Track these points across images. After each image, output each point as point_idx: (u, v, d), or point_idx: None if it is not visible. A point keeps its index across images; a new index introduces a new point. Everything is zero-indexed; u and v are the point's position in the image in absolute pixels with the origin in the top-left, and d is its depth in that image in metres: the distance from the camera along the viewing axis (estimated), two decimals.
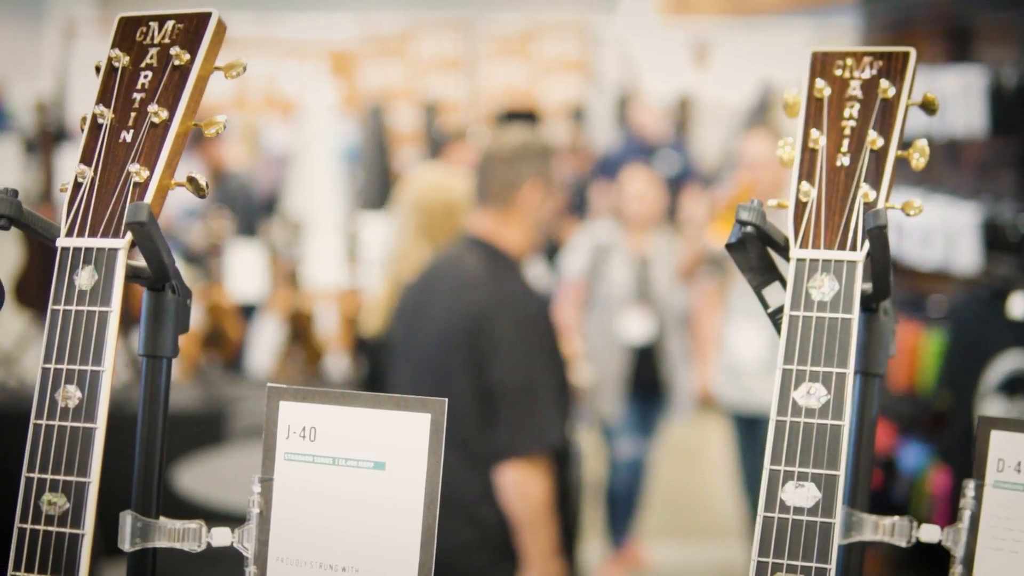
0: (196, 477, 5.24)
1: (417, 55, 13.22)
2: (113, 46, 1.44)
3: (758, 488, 4.61)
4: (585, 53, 13.54)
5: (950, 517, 1.52)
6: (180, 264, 5.49)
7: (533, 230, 4.03)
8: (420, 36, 13.36)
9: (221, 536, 1.43)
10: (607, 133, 12.75)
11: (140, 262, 1.39)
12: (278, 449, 1.43)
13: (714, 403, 6.64)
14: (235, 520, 1.41)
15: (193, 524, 1.42)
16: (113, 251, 1.34)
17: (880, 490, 5.46)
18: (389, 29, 13.33)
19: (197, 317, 7.48)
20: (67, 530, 1.28)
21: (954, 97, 5.27)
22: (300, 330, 6.84)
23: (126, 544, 1.40)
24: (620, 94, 12.80)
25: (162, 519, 1.43)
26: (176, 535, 1.42)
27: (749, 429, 6.28)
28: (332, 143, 9.86)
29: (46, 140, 7.80)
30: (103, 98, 1.42)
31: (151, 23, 1.44)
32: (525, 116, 11.23)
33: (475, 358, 3.80)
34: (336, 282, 7.61)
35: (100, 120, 1.40)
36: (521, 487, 3.77)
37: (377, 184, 9.98)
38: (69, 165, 5.90)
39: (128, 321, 7.23)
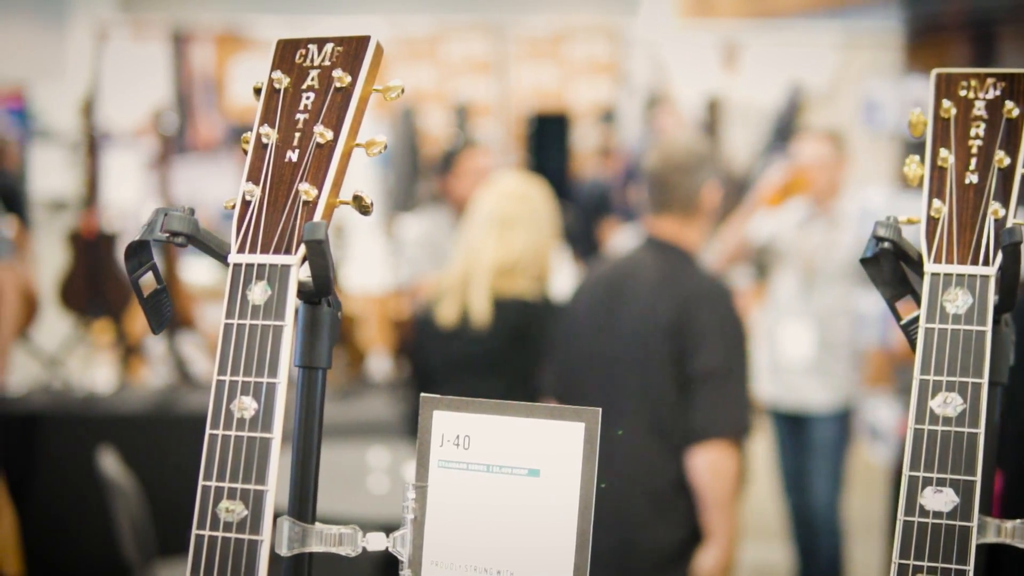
0: None
1: (447, 58, 13.28)
2: (273, 68, 1.49)
3: (799, 487, 4.73)
4: (614, 55, 13.56)
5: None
6: (220, 270, 5.55)
7: (708, 227, 4.39)
8: (450, 39, 13.42)
9: (376, 541, 1.47)
10: (637, 135, 12.77)
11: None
12: (432, 457, 1.48)
13: (755, 401, 6.69)
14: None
15: (348, 529, 1.47)
16: (286, 267, 1.39)
17: None
18: (419, 32, 13.39)
19: None
20: (245, 536, 1.33)
21: None
22: (343, 332, 6.89)
23: (283, 549, 1.45)
24: (650, 96, 12.82)
25: (318, 524, 1.47)
26: (332, 540, 1.46)
27: (792, 428, 6.33)
28: None
29: (90, 144, 7.85)
30: (267, 118, 1.46)
31: (310, 46, 1.49)
32: (555, 118, 11.29)
33: (678, 348, 4.04)
34: (377, 284, 7.65)
35: (265, 140, 1.45)
36: (716, 467, 3.99)
37: (408, 186, 10.02)
38: (112, 168, 5.97)
39: (174, 325, 7.29)
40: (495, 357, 4.83)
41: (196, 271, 9.36)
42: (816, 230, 6.40)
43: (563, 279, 6.75)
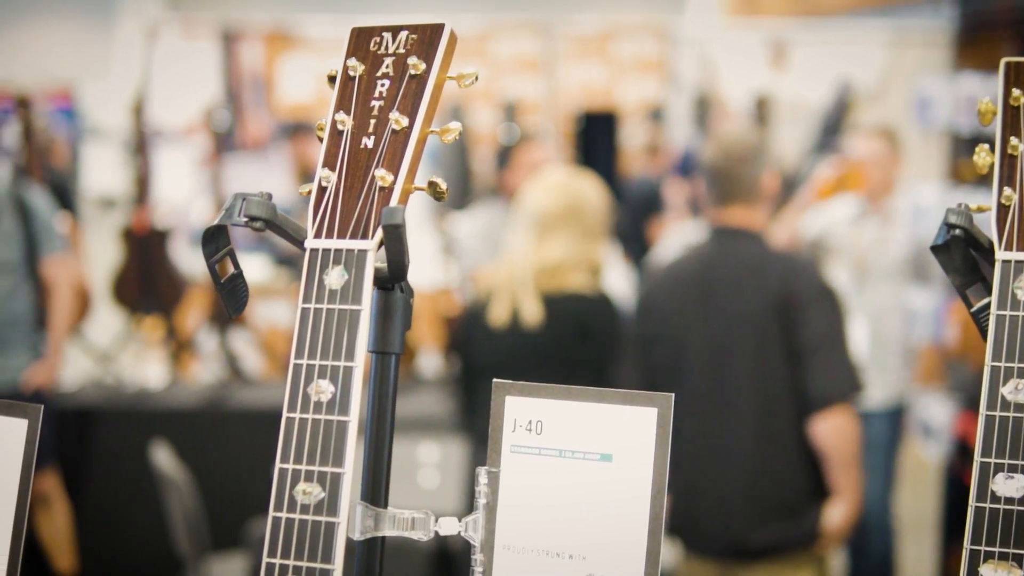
0: None
1: (496, 56, 13.30)
2: (348, 56, 1.50)
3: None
4: (662, 53, 13.55)
5: None
6: (272, 266, 5.57)
7: (770, 212, 4.59)
8: (498, 37, 13.44)
9: (448, 525, 1.48)
10: (685, 133, 12.75)
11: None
12: (504, 442, 1.48)
13: None
14: None
15: (421, 513, 1.48)
16: (363, 252, 1.40)
17: None
18: (468, 30, 13.40)
19: (291, 315, 7.56)
20: (323, 518, 1.34)
21: None
22: None
23: (356, 533, 1.46)
24: (698, 94, 12.80)
25: (390, 509, 1.48)
26: (405, 524, 1.47)
27: None
28: None
29: (141, 141, 7.90)
30: (342, 105, 1.47)
31: (384, 34, 1.50)
32: (603, 117, 11.28)
33: (786, 322, 4.25)
34: (428, 280, 7.66)
35: (340, 127, 1.46)
36: (840, 431, 4.23)
37: (457, 184, 10.03)
38: (163, 165, 5.99)
39: (225, 321, 7.33)
40: (549, 353, 4.83)
41: (247, 268, 9.38)
42: (869, 227, 6.38)
43: (615, 278, 6.74)
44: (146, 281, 7.43)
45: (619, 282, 6.84)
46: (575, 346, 4.81)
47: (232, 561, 5.47)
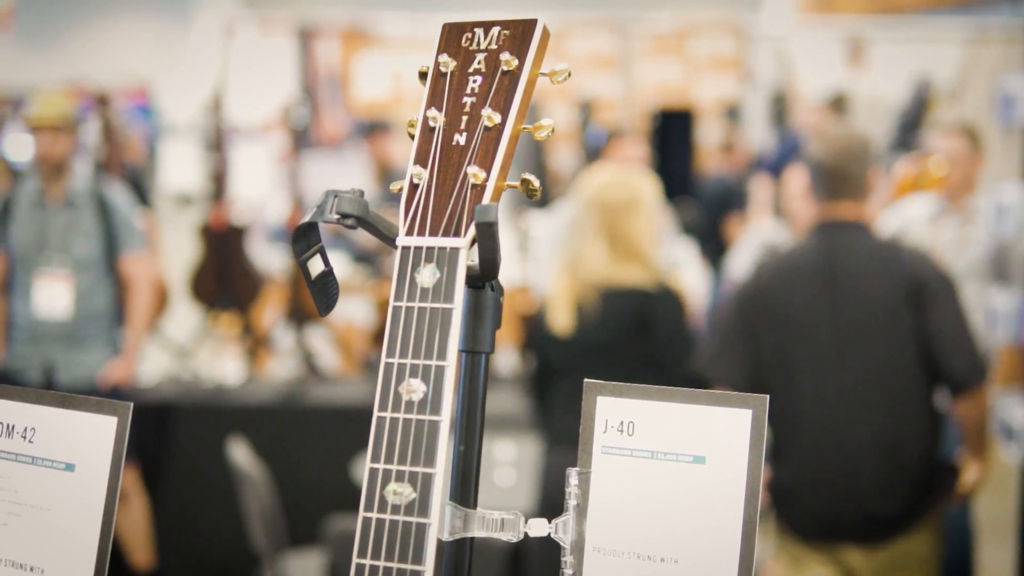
0: None
1: (572, 54, 13.28)
2: (440, 52, 1.48)
3: None
4: (739, 51, 13.49)
5: None
6: (350, 263, 5.57)
7: (876, 205, 4.72)
8: (575, 35, 13.42)
9: (538, 527, 1.46)
10: (762, 131, 12.70)
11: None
12: (595, 443, 1.46)
13: None
14: None
15: (510, 514, 1.46)
16: (455, 250, 1.38)
17: None
18: None
19: (368, 313, 7.58)
20: (413, 519, 1.32)
21: None
22: None
23: (445, 534, 1.44)
24: (774, 92, 12.74)
25: (480, 509, 1.46)
26: (494, 525, 1.46)
27: None
28: None
29: (218, 138, 7.93)
30: (433, 102, 1.46)
31: (476, 29, 1.48)
32: (680, 114, 11.24)
33: (917, 309, 4.41)
34: (504, 278, 7.65)
35: (432, 123, 1.45)
36: (980, 408, 4.54)
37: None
38: (240, 162, 6.01)
39: (301, 316, 7.35)
40: (608, 350, 4.84)
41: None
42: (949, 226, 6.32)
43: (692, 275, 6.71)
44: (223, 277, 7.46)
45: (696, 280, 6.82)
46: (634, 342, 4.82)
47: (309, 558, 5.48)
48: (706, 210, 10.41)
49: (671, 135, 10.73)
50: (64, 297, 6.20)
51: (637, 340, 4.84)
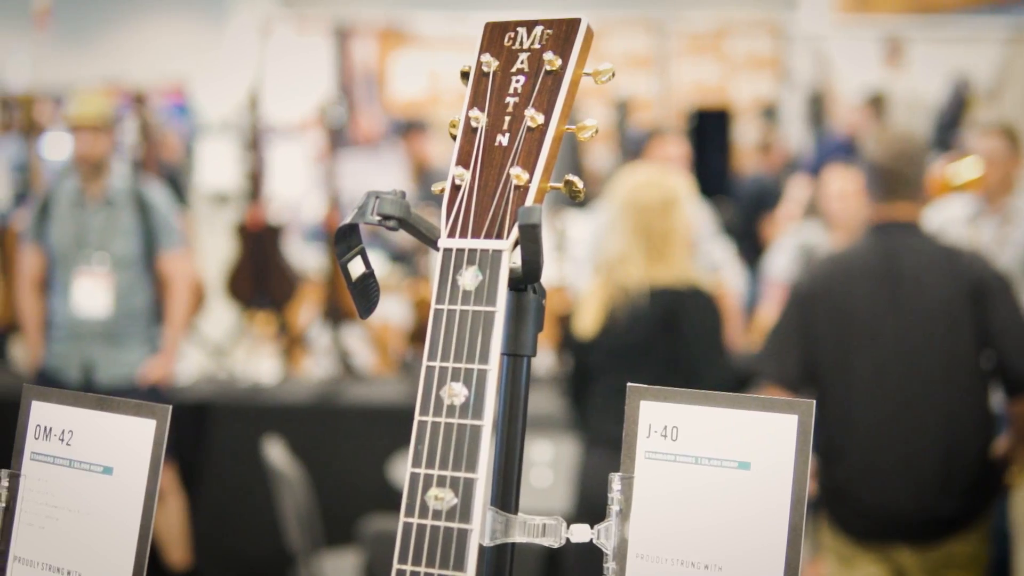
0: None
1: (608, 53, 13.24)
2: (482, 51, 1.46)
3: None
4: (776, 50, 13.45)
5: None
6: (387, 262, 5.57)
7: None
8: (611, 34, 13.39)
9: (580, 532, 1.45)
10: (799, 130, 12.66)
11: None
12: (638, 448, 1.44)
13: None
14: None
15: (552, 520, 1.44)
16: (498, 252, 1.36)
17: None
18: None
19: (404, 312, 7.57)
20: (455, 525, 1.30)
21: None
22: None
23: (486, 539, 1.42)
24: (811, 91, 12.70)
25: (521, 515, 1.45)
26: (536, 530, 1.44)
27: None
28: None
29: (255, 137, 7.93)
30: (476, 102, 1.44)
31: (519, 29, 1.46)
32: (716, 114, 11.20)
33: (980, 308, 4.45)
34: (543, 279, 7.64)
35: (474, 124, 1.43)
36: None
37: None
38: (276, 160, 6.00)
39: (337, 315, 7.34)
40: (641, 350, 4.82)
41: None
42: (987, 226, 6.28)
43: (731, 276, 6.68)
44: (259, 276, 7.46)
45: (734, 280, 6.78)
46: (662, 343, 4.80)
47: (344, 557, 5.48)
48: (742, 210, 10.38)
49: (708, 135, 10.67)
50: (103, 295, 6.21)
51: (665, 341, 4.82)
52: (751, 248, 9.60)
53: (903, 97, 12.01)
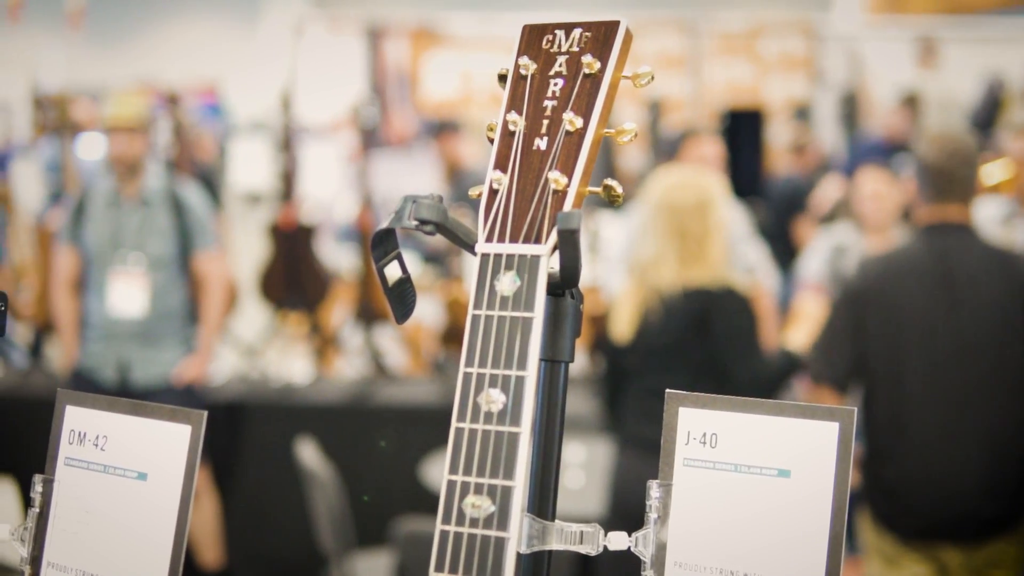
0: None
1: (641, 53, 13.22)
2: (520, 54, 1.45)
3: None
4: (809, 51, 13.41)
5: None
6: (420, 263, 5.57)
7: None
8: (644, 34, 13.35)
9: (618, 540, 1.43)
10: (831, 131, 12.61)
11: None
12: (677, 455, 1.43)
13: None
14: None
15: (589, 527, 1.43)
16: (536, 257, 1.34)
17: None
18: None
19: (437, 313, 7.56)
20: (492, 533, 1.29)
21: None
22: None
23: (523, 546, 1.41)
24: (844, 92, 12.66)
25: (558, 522, 1.43)
26: (573, 538, 1.43)
27: None
28: None
29: (287, 137, 7.94)
30: (513, 105, 1.42)
31: (557, 31, 1.45)
32: (749, 114, 11.17)
33: None
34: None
35: (512, 128, 1.41)
36: None
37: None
38: (309, 161, 6.01)
39: (370, 315, 7.34)
40: (674, 351, 4.80)
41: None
42: (1021, 228, 6.25)
43: (764, 277, 6.65)
44: (292, 277, 7.46)
45: (771, 280, 6.76)
46: (695, 344, 4.78)
47: (377, 558, 5.47)
48: (774, 211, 10.34)
49: (740, 135, 10.63)
50: (139, 295, 6.23)
51: (699, 342, 4.80)
52: (783, 250, 9.56)
53: (936, 98, 11.96)
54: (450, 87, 15.27)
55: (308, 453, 5.37)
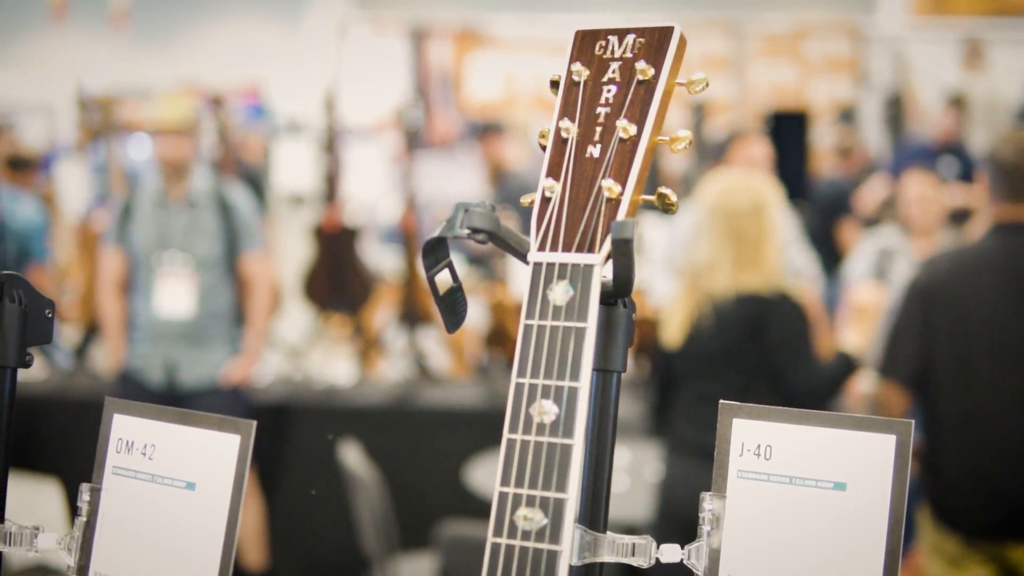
0: (489, 475, 5.29)
1: (685, 56, 13.20)
2: (572, 60, 1.43)
3: None
4: (854, 53, 13.35)
5: None
6: (462, 265, 5.55)
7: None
8: (688, 36, 13.31)
9: (670, 552, 1.42)
10: (876, 133, 12.55)
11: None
12: (731, 466, 1.41)
13: None
14: None
15: (641, 539, 1.41)
16: (589, 267, 1.32)
17: None
18: None
19: (481, 315, 7.55)
20: (544, 546, 1.27)
21: None
22: None
23: (575, 558, 1.39)
24: (889, 94, 12.60)
25: (609, 533, 1.41)
26: (624, 550, 1.41)
27: None
28: None
29: (331, 138, 7.94)
30: (566, 112, 1.41)
31: (610, 37, 1.44)
32: (794, 116, 11.12)
33: None
34: None
35: (565, 135, 1.40)
36: None
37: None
38: (353, 162, 6.01)
39: (413, 317, 7.33)
40: (727, 357, 4.77)
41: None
42: None
43: (811, 282, 6.62)
44: (335, 278, 7.46)
45: (812, 284, 6.72)
46: (748, 350, 4.74)
47: (420, 561, 5.46)
48: (818, 214, 10.29)
49: (785, 137, 10.58)
50: (186, 296, 6.24)
51: (751, 348, 4.76)
52: (827, 253, 9.51)
53: (982, 99, 11.88)
54: (493, 88, 15.26)
55: (351, 455, 5.37)
